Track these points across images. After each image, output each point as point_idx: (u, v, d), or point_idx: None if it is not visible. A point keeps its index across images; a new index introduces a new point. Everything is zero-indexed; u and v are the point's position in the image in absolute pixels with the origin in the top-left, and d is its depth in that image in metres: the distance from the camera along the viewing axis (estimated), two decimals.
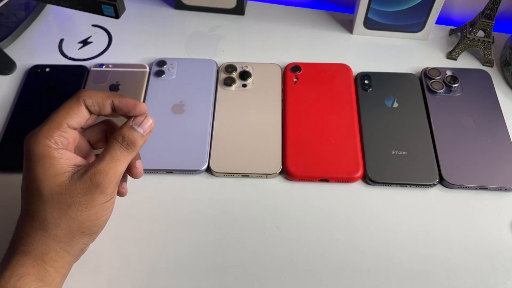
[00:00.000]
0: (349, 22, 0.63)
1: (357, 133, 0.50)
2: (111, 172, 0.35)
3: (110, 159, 0.35)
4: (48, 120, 0.36)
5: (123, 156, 0.36)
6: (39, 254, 0.34)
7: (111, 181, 0.35)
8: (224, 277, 0.42)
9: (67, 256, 0.36)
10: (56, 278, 0.35)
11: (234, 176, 0.48)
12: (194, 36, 0.61)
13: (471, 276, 0.42)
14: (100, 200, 0.35)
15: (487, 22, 0.56)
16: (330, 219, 0.45)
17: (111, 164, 0.35)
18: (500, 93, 0.54)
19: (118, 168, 0.36)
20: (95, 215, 0.36)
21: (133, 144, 0.36)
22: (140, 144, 0.37)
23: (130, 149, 0.36)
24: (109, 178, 0.35)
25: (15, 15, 0.61)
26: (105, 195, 0.35)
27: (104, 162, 0.35)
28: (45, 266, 0.34)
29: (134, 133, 0.37)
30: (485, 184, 0.46)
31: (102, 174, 0.35)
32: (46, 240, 0.34)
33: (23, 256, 0.34)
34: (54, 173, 0.34)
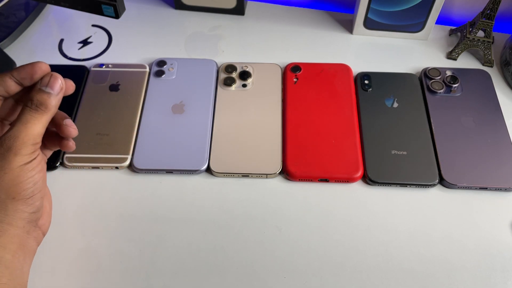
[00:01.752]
0: (349, 22, 0.63)
1: (357, 133, 0.50)
2: (21, 135, 0.35)
3: (20, 123, 0.36)
4: None
5: (34, 118, 0.36)
6: None
7: (24, 143, 0.35)
8: (224, 277, 0.42)
9: (10, 228, 0.35)
10: (5, 255, 0.34)
11: (234, 176, 0.48)
12: (194, 36, 0.61)
13: (471, 276, 0.42)
14: (17, 162, 0.35)
15: (487, 22, 0.56)
16: (330, 219, 0.45)
17: (21, 127, 0.36)
18: (500, 93, 0.54)
19: (29, 130, 0.36)
20: (18, 178, 0.35)
21: (43, 105, 0.37)
22: (53, 103, 0.37)
23: (40, 110, 0.37)
24: (21, 140, 0.35)
25: (15, 15, 0.61)
26: (20, 157, 0.35)
27: (14, 127, 0.36)
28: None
29: (42, 94, 0.37)
30: (485, 184, 0.46)
31: (12, 138, 0.35)
32: None
33: None
34: None
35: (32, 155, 0.36)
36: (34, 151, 0.37)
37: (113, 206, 0.46)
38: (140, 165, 0.48)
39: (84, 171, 0.48)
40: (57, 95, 0.38)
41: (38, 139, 0.37)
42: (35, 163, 0.37)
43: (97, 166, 0.48)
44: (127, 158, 0.48)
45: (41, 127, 0.37)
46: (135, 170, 0.48)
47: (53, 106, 0.37)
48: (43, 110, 0.37)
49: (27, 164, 0.36)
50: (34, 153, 0.37)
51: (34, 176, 0.36)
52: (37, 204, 0.37)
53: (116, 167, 0.48)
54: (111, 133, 0.50)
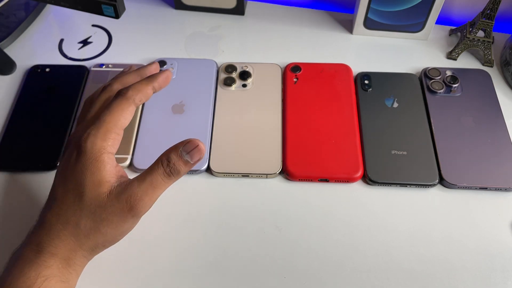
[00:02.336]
0: (349, 22, 0.63)
1: (357, 133, 0.50)
2: (146, 199, 0.34)
3: (150, 184, 0.35)
4: (103, 121, 0.35)
5: (163, 183, 0.35)
6: (66, 258, 0.34)
7: (144, 207, 0.35)
8: (224, 277, 0.42)
9: (86, 261, 0.37)
10: (75, 279, 0.36)
11: (234, 176, 0.48)
12: (194, 36, 0.61)
13: (471, 276, 0.42)
14: (130, 223, 0.35)
15: (487, 22, 0.56)
16: (330, 219, 0.45)
17: (149, 190, 0.35)
18: (500, 93, 0.54)
19: (155, 194, 0.35)
20: (121, 234, 0.36)
21: (177, 172, 0.35)
22: (184, 172, 0.36)
23: (172, 177, 0.35)
24: (144, 204, 0.34)
25: (15, 15, 0.61)
26: (135, 219, 0.35)
27: (142, 186, 0.34)
28: (69, 269, 0.35)
29: (181, 161, 0.35)
30: (485, 184, 0.46)
31: (137, 198, 0.34)
32: (74, 246, 0.34)
33: (50, 258, 0.34)
34: (98, 180, 0.34)
35: (136, 224, 0.36)
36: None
37: None
38: (140, 165, 0.48)
39: None
40: (192, 164, 0.36)
41: (154, 202, 0.36)
42: (133, 227, 0.37)
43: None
44: (127, 158, 0.48)
45: (162, 192, 0.36)
46: (135, 170, 0.48)
47: (183, 174, 0.36)
48: (175, 177, 0.35)
49: (134, 224, 0.36)
50: (137, 221, 0.36)
51: (127, 233, 0.37)
52: None
53: None
54: None
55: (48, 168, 0.48)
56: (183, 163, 0.35)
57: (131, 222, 0.35)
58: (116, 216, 0.34)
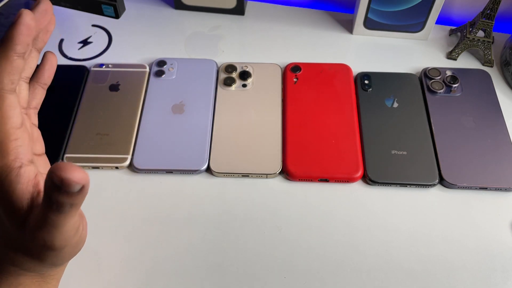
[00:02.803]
0: (349, 22, 0.63)
1: (357, 133, 0.50)
2: (57, 237, 0.28)
3: (51, 227, 0.27)
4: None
5: (60, 220, 0.27)
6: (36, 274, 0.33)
7: (62, 241, 0.29)
8: (224, 277, 0.42)
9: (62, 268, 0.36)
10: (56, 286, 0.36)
11: (234, 176, 0.48)
12: (194, 36, 0.61)
13: (471, 276, 0.42)
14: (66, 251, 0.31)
15: (487, 22, 0.56)
16: (330, 219, 0.45)
17: (53, 232, 0.28)
18: (500, 93, 0.54)
19: (63, 230, 0.28)
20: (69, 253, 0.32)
21: (71, 205, 0.26)
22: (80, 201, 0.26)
23: (66, 211, 0.27)
24: (58, 241, 0.29)
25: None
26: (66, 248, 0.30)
27: (44, 231, 0.28)
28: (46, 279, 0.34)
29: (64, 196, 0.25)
30: (485, 184, 0.46)
31: (48, 242, 0.28)
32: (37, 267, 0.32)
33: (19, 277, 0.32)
34: (10, 208, 0.28)
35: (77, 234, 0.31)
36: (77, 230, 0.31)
37: (113, 206, 0.46)
38: (140, 165, 0.48)
39: None
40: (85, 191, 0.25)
41: (77, 223, 0.30)
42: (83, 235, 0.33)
43: (97, 166, 0.48)
44: (127, 158, 0.48)
45: (76, 216, 0.29)
46: (135, 170, 0.48)
47: (81, 202, 0.27)
48: (71, 209, 0.27)
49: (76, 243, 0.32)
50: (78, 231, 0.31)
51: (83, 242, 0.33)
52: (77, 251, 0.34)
53: (116, 167, 0.48)
54: (111, 133, 0.50)
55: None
56: (65, 195, 0.25)
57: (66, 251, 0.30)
58: (44, 252, 0.29)
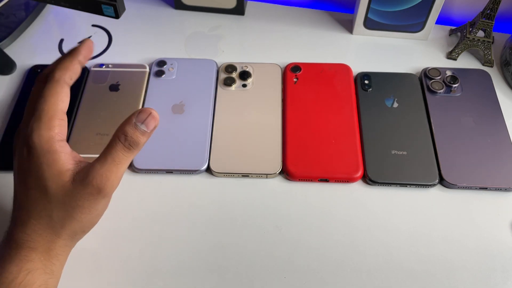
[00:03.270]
0: (349, 22, 0.63)
1: (357, 133, 0.50)
2: (112, 176, 0.34)
3: (112, 162, 0.34)
4: (41, 111, 0.35)
5: (125, 158, 0.35)
6: (46, 250, 0.35)
7: (113, 186, 0.35)
8: (224, 277, 0.42)
9: (69, 250, 0.37)
10: (60, 269, 0.36)
11: (234, 176, 0.48)
12: (194, 36, 0.61)
13: (471, 276, 0.42)
14: (103, 204, 0.35)
15: (487, 22, 0.56)
16: (330, 219, 0.45)
17: (113, 168, 0.34)
18: (500, 93, 0.54)
19: (119, 171, 0.35)
20: (97, 216, 0.36)
21: (136, 144, 0.35)
22: (144, 142, 0.36)
23: (132, 149, 0.35)
24: (111, 182, 0.34)
25: (15, 15, 0.61)
26: (107, 200, 0.35)
27: (105, 166, 0.34)
28: (51, 260, 0.35)
29: (137, 132, 0.35)
30: (485, 184, 0.46)
31: (103, 179, 0.34)
32: (52, 237, 0.35)
33: (30, 252, 0.34)
34: (58, 170, 0.34)
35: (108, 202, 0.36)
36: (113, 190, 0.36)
37: (112, 206, 0.46)
38: (140, 165, 0.48)
39: None
40: (150, 132, 0.36)
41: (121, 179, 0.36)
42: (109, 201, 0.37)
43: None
44: None
45: (126, 167, 0.36)
46: (135, 170, 0.48)
47: (143, 145, 0.36)
48: (135, 149, 0.35)
49: (106, 204, 0.36)
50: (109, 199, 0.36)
51: (104, 212, 0.37)
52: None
53: None
54: (111, 133, 0.49)
55: None
56: (140, 134, 0.35)
57: (103, 203, 0.35)
58: (87, 201, 0.34)
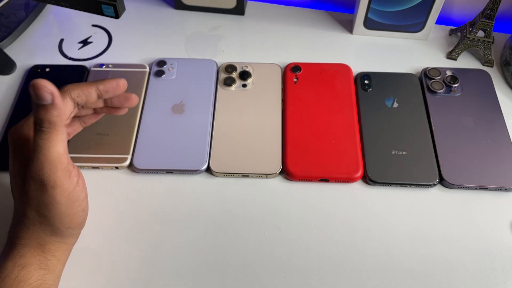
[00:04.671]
0: (349, 22, 0.63)
1: (357, 133, 0.50)
2: (45, 164, 0.32)
3: (36, 150, 0.32)
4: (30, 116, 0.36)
5: (42, 141, 0.32)
6: (38, 246, 0.35)
7: (50, 172, 0.32)
8: (224, 277, 0.42)
9: (64, 245, 0.37)
10: (58, 265, 0.36)
11: (234, 176, 0.48)
12: (194, 36, 0.61)
13: (471, 276, 0.42)
14: (60, 194, 0.33)
15: (487, 22, 0.56)
16: (330, 219, 0.45)
17: (39, 156, 0.32)
18: (500, 93, 0.54)
19: (47, 156, 0.32)
20: (69, 209, 0.35)
21: (42, 122, 0.32)
22: (54, 116, 0.32)
23: (43, 130, 0.32)
24: (47, 171, 0.32)
25: (15, 15, 0.61)
26: (62, 189, 0.33)
27: (34, 156, 0.32)
28: (46, 255, 0.35)
29: (40, 111, 0.32)
30: (485, 184, 0.46)
31: (38, 170, 0.32)
32: (39, 233, 0.35)
33: (22, 248, 0.35)
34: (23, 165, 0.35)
35: (71, 180, 0.34)
36: (70, 175, 0.34)
37: (113, 206, 0.46)
38: (140, 165, 0.48)
39: (84, 171, 0.48)
40: (55, 104, 0.32)
41: (66, 159, 0.33)
42: (78, 190, 0.35)
43: (97, 166, 0.48)
44: (127, 158, 0.48)
45: (60, 145, 0.33)
46: (135, 170, 0.48)
47: (58, 120, 0.32)
48: (48, 127, 0.32)
49: (71, 193, 0.34)
50: (71, 177, 0.34)
51: (81, 203, 0.36)
52: (85, 222, 0.38)
53: (116, 167, 0.48)
54: (111, 133, 0.50)
55: None
56: (43, 110, 0.32)
57: (60, 194, 0.33)
58: (41, 196, 0.33)
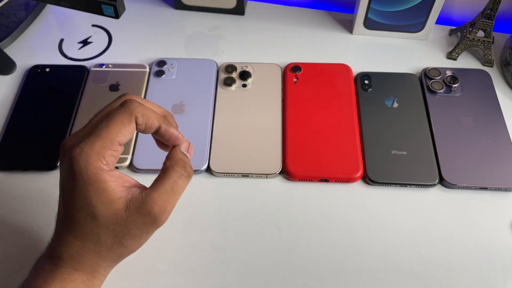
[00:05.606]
0: (349, 22, 0.63)
1: (357, 133, 0.50)
2: (169, 207, 0.33)
3: (171, 192, 0.33)
4: (98, 136, 0.32)
5: (183, 187, 0.34)
6: (90, 271, 0.34)
7: (168, 216, 0.33)
8: (224, 277, 0.42)
9: (110, 270, 0.36)
10: (99, 285, 0.36)
11: (234, 176, 0.48)
12: (194, 36, 0.61)
13: (471, 276, 0.42)
14: (154, 231, 0.34)
15: (487, 22, 0.56)
16: (330, 219, 0.45)
17: (171, 198, 0.33)
18: (500, 93, 0.54)
19: (176, 200, 0.34)
20: (144, 242, 0.35)
21: (192, 171, 0.35)
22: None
23: (190, 177, 0.34)
24: (168, 213, 0.33)
25: (15, 15, 0.61)
26: (159, 227, 0.34)
27: (164, 196, 0.33)
28: (93, 280, 0.34)
29: (188, 159, 0.35)
30: (485, 184, 0.46)
31: (161, 209, 0.32)
32: (97, 260, 0.34)
33: (74, 272, 0.33)
34: (108, 199, 0.32)
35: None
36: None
37: None
38: (140, 165, 0.48)
39: None
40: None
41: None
42: None
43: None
44: (127, 158, 0.48)
45: (180, 195, 0.34)
46: (135, 170, 0.48)
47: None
48: (190, 177, 0.35)
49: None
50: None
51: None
52: None
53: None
54: None
55: (48, 168, 0.48)
56: (189, 161, 0.36)
57: (154, 231, 0.34)
58: (139, 230, 0.33)
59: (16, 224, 0.44)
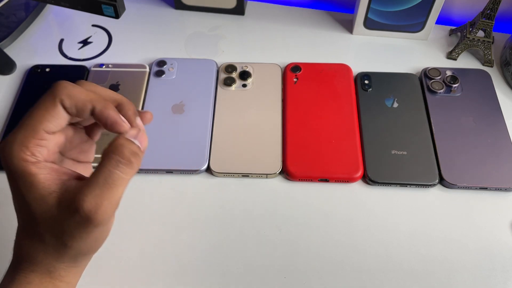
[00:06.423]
0: (349, 22, 0.63)
1: (357, 133, 0.50)
2: (105, 203, 0.28)
3: (105, 184, 0.28)
4: (20, 126, 0.29)
5: (121, 177, 0.28)
6: (46, 272, 0.31)
7: (106, 213, 0.28)
8: (224, 277, 0.42)
9: (74, 269, 0.33)
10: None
11: (234, 176, 0.48)
12: (194, 36, 0.61)
13: (471, 276, 0.42)
14: (99, 232, 0.30)
15: (487, 22, 0.56)
16: (330, 219, 0.45)
17: (105, 193, 0.28)
18: (500, 93, 0.54)
19: (115, 194, 0.28)
20: (96, 242, 0.31)
21: (136, 157, 0.29)
22: (141, 159, 0.30)
23: (131, 166, 0.29)
24: (103, 209, 0.28)
25: (15, 15, 0.61)
26: (104, 227, 0.30)
27: (96, 190, 0.28)
28: (54, 282, 0.32)
29: (134, 145, 0.29)
30: (485, 184, 0.46)
31: (93, 206, 0.27)
32: (50, 261, 0.31)
33: (29, 274, 0.31)
34: (40, 194, 0.28)
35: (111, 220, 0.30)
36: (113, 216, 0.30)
37: None
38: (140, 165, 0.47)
39: None
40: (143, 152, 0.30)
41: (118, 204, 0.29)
42: (111, 224, 0.31)
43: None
44: None
45: (124, 189, 0.29)
46: None
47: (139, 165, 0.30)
48: (133, 166, 0.29)
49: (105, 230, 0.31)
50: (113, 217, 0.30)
51: (107, 235, 0.32)
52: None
53: None
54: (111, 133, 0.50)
55: None
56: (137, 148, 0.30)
57: (98, 232, 0.30)
58: (75, 229, 0.29)
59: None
